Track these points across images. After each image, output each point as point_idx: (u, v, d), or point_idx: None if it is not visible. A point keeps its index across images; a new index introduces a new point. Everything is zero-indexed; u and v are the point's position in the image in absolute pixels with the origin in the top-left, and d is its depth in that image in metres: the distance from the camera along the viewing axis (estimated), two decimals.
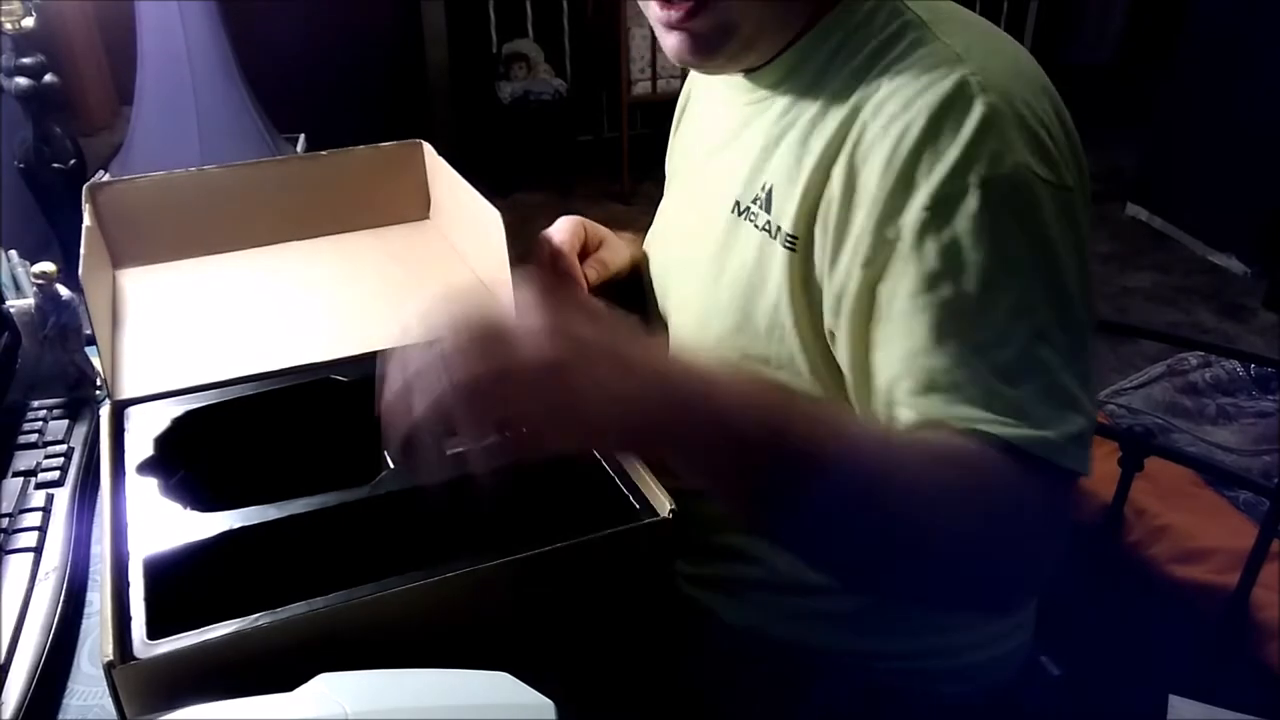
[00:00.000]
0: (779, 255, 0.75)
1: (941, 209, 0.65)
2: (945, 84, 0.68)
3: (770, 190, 0.77)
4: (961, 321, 0.65)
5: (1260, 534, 0.99)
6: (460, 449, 0.55)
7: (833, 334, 0.73)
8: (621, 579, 0.66)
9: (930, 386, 0.65)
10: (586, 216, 0.96)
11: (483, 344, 0.54)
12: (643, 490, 0.68)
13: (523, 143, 3.47)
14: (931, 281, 0.65)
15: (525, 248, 0.90)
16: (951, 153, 0.66)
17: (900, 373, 0.66)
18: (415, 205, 1.14)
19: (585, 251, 0.93)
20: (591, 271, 0.92)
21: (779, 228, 0.75)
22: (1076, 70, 0.78)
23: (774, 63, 0.79)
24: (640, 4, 0.79)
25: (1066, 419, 0.64)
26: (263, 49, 2.03)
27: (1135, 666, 1.08)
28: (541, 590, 0.63)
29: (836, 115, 0.73)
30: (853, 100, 0.72)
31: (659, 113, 3.60)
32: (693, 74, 0.99)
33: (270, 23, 2.90)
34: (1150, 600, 1.21)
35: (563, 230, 0.92)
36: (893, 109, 0.69)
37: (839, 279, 0.70)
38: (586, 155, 3.65)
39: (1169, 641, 1.11)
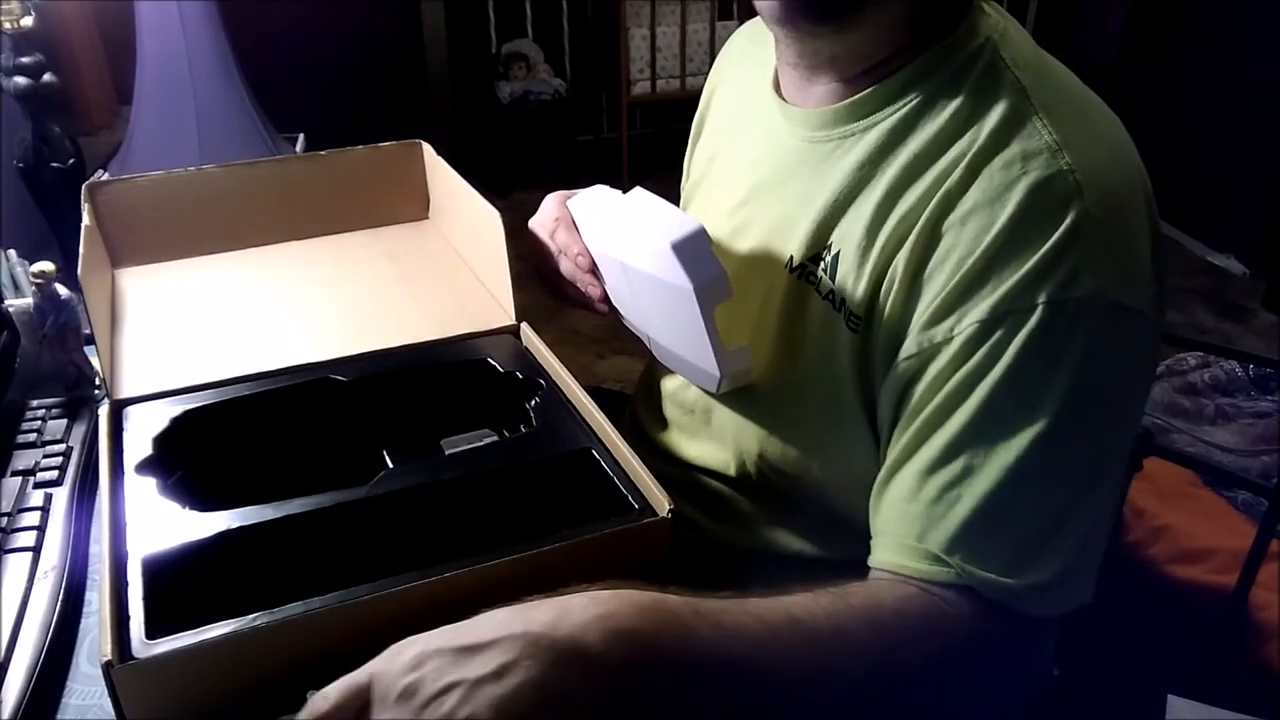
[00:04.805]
0: (844, 337, 0.71)
1: (998, 324, 0.62)
2: (1038, 177, 0.63)
3: (838, 256, 0.71)
4: (974, 448, 0.63)
5: (1259, 534, 0.99)
6: (460, 449, 0.55)
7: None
8: (621, 579, 0.66)
9: (909, 519, 0.64)
10: None
11: None
12: (642, 490, 0.68)
13: (522, 143, 3.47)
14: (958, 395, 0.63)
15: (525, 248, 0.90)
16: (1028, 262, 0.61)
17: (888, 484, 0.67)
18: (414, 205, 1.14)
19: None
20: (585, 259, 0.84)
21: (843, 300, 0.71)
22: (1076, 71, 0.77)
23: (849, 103, 0.72)
24: None
25: (1039, 564, 0.62)
26: (263, 49, 2.03)
27: (1135, 666, 1.09)
28: (541, 590, 0.63)
29: (915, 192, 0.67)
30: (933, 174, 0.67)
31: (659, 113, 3.60)
32: (718, 81, 0.93)
33: (270, 23, 2.90)
34: (1150, 600, 1.21)
35: (551, 221, 0.85)
36: (975, 198, 0.64)
37: (880, 364, 0.68)
38: (586, 155, 3.64)
39: (1168, 641, 1.11)
